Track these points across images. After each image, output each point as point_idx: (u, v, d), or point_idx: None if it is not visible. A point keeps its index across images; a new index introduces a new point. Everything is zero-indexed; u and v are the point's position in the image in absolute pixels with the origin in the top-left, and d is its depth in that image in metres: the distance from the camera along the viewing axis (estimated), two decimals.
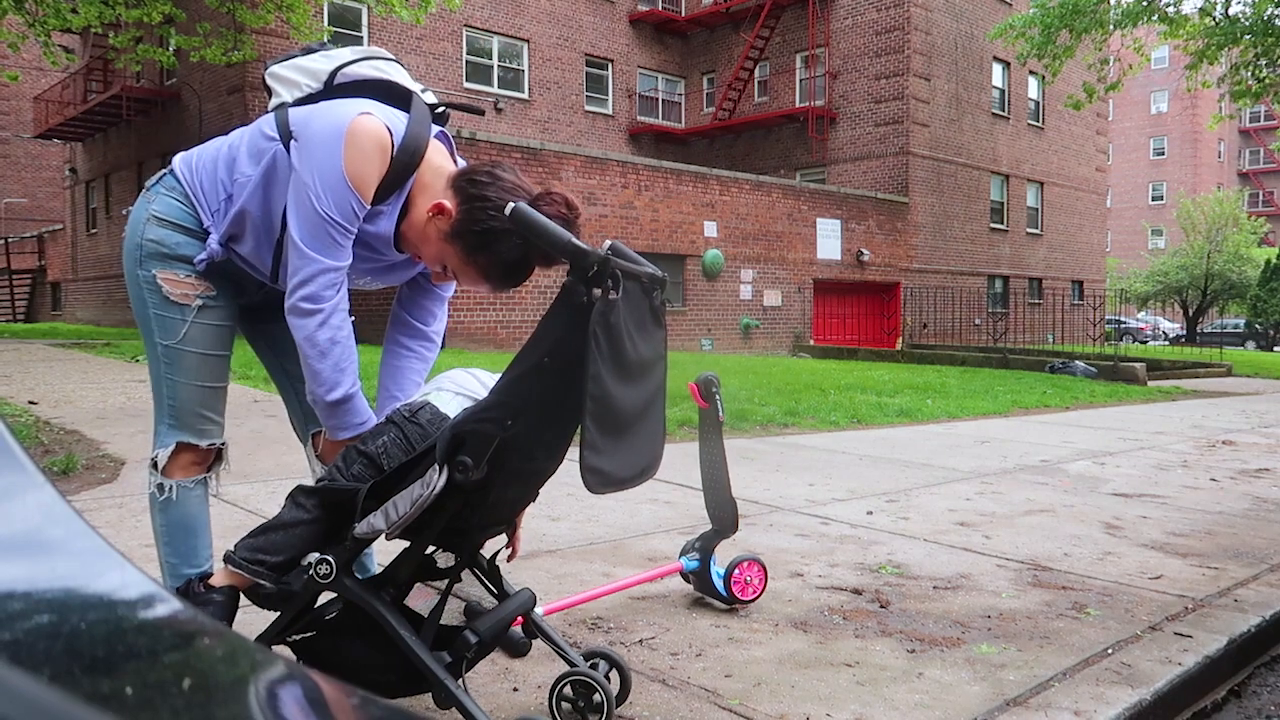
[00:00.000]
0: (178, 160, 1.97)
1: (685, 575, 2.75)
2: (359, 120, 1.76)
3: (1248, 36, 16.73)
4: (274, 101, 1.95)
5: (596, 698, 1.81)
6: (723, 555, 2.81)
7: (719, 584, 2.66)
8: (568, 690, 1.85)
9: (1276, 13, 16.55)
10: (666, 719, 1.95)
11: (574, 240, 1.51)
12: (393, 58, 1.98)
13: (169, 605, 0.61)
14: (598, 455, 1.49)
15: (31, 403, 6.52)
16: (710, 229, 18.82)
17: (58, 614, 0.55)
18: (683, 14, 27.05)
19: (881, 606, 2.76)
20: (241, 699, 0.57)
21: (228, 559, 1.70)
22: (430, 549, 1.75)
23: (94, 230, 26.69)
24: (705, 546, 2.71)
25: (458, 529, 1.71)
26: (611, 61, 25.90)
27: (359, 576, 1.70)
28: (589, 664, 1.90)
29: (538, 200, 1.70)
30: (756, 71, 25.89)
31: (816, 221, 20.94)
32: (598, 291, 1.49)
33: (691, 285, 18.62)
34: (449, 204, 1.78)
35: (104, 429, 5.55)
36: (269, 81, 1.96)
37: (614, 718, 1.82)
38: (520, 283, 1.83)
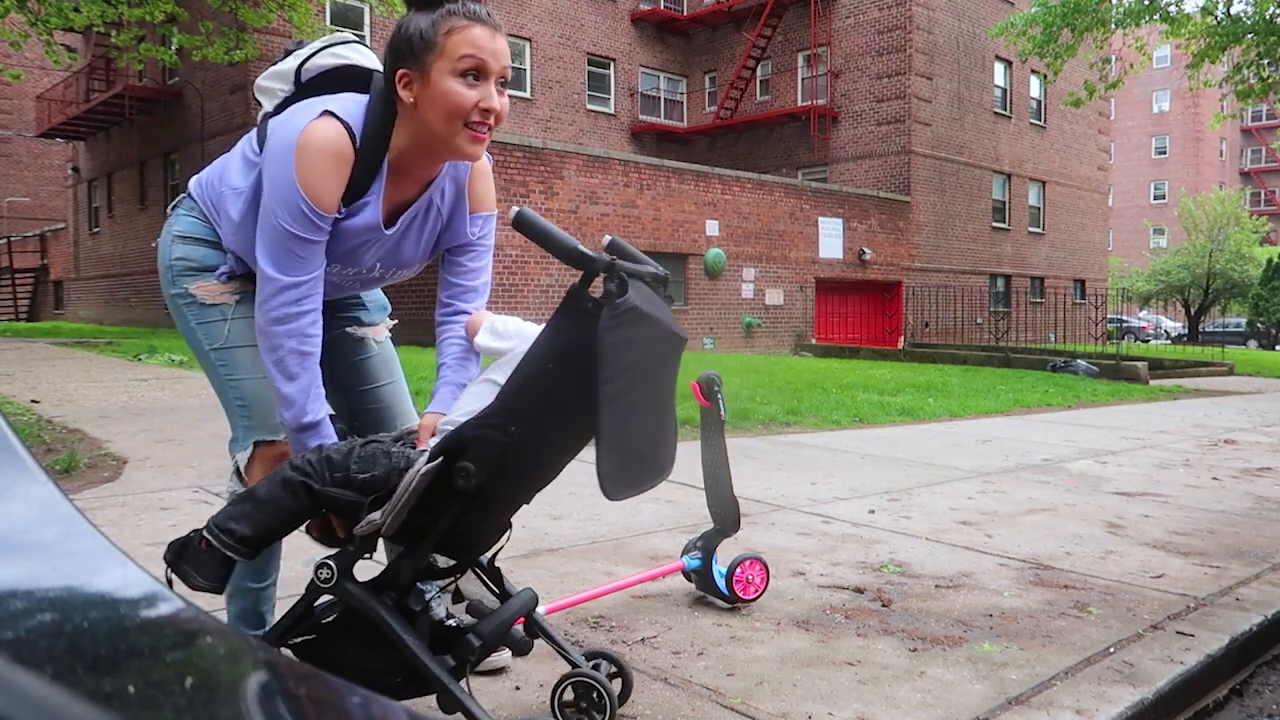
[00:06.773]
0: (192, 181, 1.99)
1: (687, 574, 2.75)
2: (308, 131, 1.70)
3: (1250, 36, 16.70)
4: (260, 114, 1.95)
5: (598, 697, 1.81)
6: (725, 554, 2.81)
7: (721, 583, 2.66)
8: (569, 692, 1.85)
9: (1278, 12, 16.52)
10: (669, 718, 1.95)
11: (579, 247, 1.50)
12: (354, 39, 1.93)
13: (171, 604, 0.61)
14: (612, 461, 1.49)
15: (34, 401, 6.53)
16: (712, 228, 18.81)
17: (60, 612, 0.55)
18: (684, 13, 27.04)
19: (883, 605, 2.76)
20: (244, 698, 0.57)
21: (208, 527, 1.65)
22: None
23: (96, 229, 26.72)
24: (707, 545, 2.71)
25: (459, 537, 1.70)
26: (613, 60, 25.90)
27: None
28: (591, 664, 1.90)
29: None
30: (758, 70, 25.87)
31: (818, 220, 20.93)
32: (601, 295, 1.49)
33: (693, 284, 18.62)
34: (405, 71, 1.69)
35: (106, 428, 5.55)
36: (257, 95, 1.96)
37: (617, 718, 1.82)
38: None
